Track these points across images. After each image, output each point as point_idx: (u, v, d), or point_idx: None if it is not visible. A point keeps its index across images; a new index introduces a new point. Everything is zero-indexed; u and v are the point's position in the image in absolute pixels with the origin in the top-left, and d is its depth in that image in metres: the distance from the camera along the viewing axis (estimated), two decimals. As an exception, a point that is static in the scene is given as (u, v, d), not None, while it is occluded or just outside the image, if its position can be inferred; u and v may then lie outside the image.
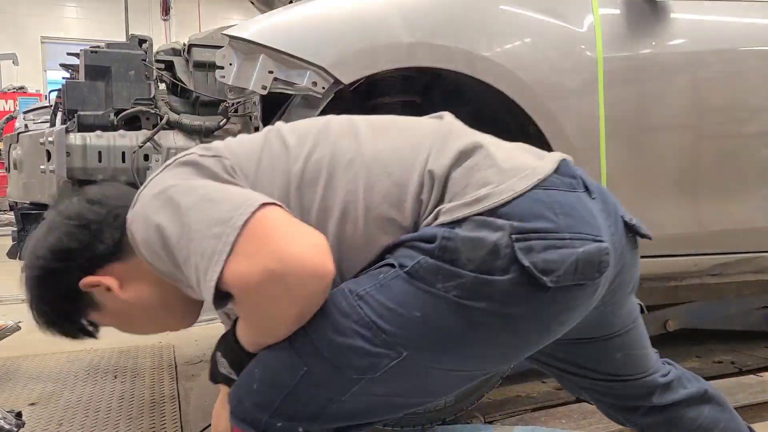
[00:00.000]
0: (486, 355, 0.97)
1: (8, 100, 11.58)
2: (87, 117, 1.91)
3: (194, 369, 2.84)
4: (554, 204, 0.92)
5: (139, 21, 13.97)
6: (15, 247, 2.05)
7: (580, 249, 0.90)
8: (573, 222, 0.92)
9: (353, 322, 0.91)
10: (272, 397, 0.93)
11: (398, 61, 1.71)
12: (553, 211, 0.91)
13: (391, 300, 0.90)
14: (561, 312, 0.94)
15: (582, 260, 0.90)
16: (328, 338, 0.91)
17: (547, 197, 0.92)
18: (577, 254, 0.89)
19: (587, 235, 0.92)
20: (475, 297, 0.88)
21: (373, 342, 0.90)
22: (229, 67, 1.63)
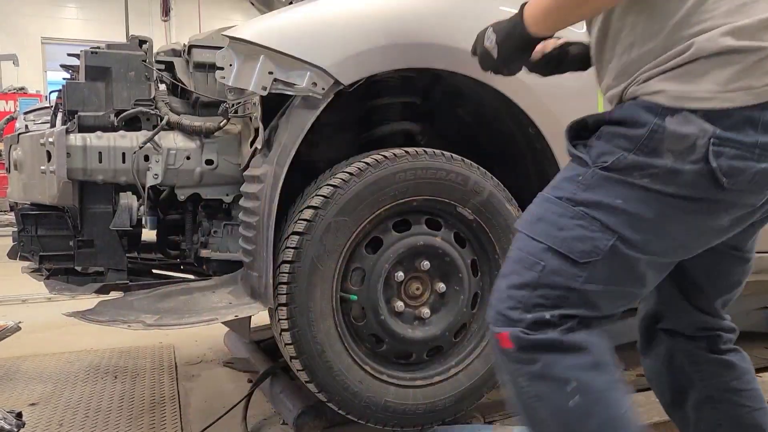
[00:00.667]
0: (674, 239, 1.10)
1: (9, 101, 11.59)
2: (87, 118, 1.92)
3: (194, 369, 2.84)
4: (762, 124, 1.00)
5: (140, 22, 13.98)
6: (15, 247, 2.05)
7: (762, 165, 1.01)
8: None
9: (569, 219, 1.08)
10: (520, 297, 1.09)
11: (398, 62, 1.71)
12: (756, 129, 1.00)
13: (596, 194, 1.07)
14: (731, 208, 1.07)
15: (760, 173, 1.02)
16: (553, 235, 1.09)
17: (760, 116, 1.00)
18: (758, 168, 1.01)
19: None
20: (663, 183, 1.04)
21: (590, 228, 1.07)
22: (229, 68, 1.63)
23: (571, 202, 1.09)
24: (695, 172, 1.01)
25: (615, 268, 1.09)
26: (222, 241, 2.02)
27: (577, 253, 1.07)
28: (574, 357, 1.07)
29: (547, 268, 1.08)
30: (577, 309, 1.09)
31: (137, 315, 1.74)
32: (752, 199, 1.07)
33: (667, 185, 1.04)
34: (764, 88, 0.99)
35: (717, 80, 1.00)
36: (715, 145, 1.00)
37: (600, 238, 1.07)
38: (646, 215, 1.06)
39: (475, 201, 1.80)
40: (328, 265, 1.68)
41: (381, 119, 1.96)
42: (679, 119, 1.02)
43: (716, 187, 1.02)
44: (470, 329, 1.91)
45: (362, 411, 1.76)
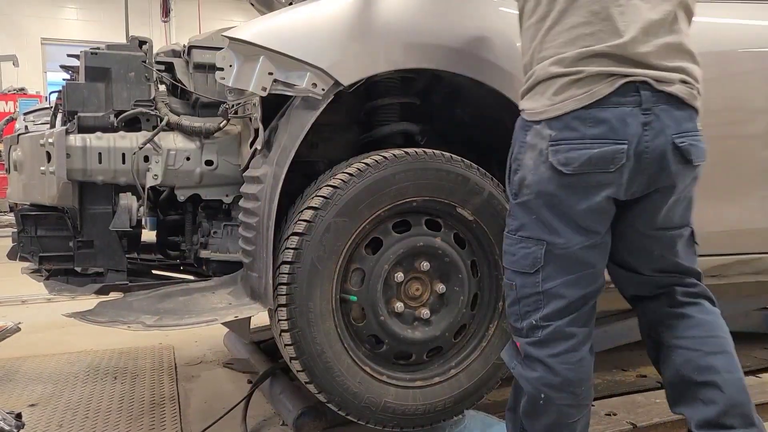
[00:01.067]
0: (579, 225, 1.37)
1: (8, 102, 11.58)
2: (87, 118, 1.92)
3: (194, 370, 2.84)
4: (588, 119, 1.31)
5: (140, 23, 13.98)
6: (15, 248, 2.05)
7: (595, 149, 1.30)
8: (597, 131, 1.31)
9: (515, 245, 1.44)
10: (515, 311, 1.46)
11: (397, 62, 1.71)
12: (584, 124, 1.31)
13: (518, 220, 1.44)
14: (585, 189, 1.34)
15: (596, 156, 1.31)
16: (511, 261, 1.46)
17: (586, 114, 1.31)
18: (592, 153, 1.31)
19: (608, 140, 1.30)
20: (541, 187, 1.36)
21: (527, 246, 1.41)
22: (229, 68, 1.63)
23: (512, 233, 1.46)
24: (546, 169, 1.35)
25: (558, 265, 1.39)
26: (222, 242, 2.02)
27: (527, 267, 1.42)
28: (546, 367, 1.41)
29: (518, 285, 1.45)
30: (551, 305, 1.40)
31: (137, 316, 1.74)
32: (608, 177, 1.33)
33: (540, 188, 1.37)
34: (584, 95, 1.31)
35: (549, 96, 1.35)
36: (552, 146, 1.33)
37: (536, 250, 1.40)
38: (549, 218, 1.38)
39: (475, 202, 1.80)
40: (327, 266, 1.68)
41: (381, 120, 1.96)
42: (533, 133, 1.38)
43: (563, 175, 1.33)
44: (470, 330, 1.91)
45: (362, 412, 1.76)
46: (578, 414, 1.45)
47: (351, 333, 1.79)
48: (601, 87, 1.30)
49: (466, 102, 2.04)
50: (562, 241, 1.38)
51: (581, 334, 1.42)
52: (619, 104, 1.31)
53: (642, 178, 1.35)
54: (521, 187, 1.41)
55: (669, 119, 1.33)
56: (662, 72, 1.32)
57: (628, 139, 1.30)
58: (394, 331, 1.78)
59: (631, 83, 1.31)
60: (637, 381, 2.54)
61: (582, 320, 1.43)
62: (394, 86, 1.94)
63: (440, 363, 1.88)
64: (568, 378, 1.40)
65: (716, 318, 1.52)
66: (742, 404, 1.43)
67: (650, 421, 2.06)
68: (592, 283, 1.43)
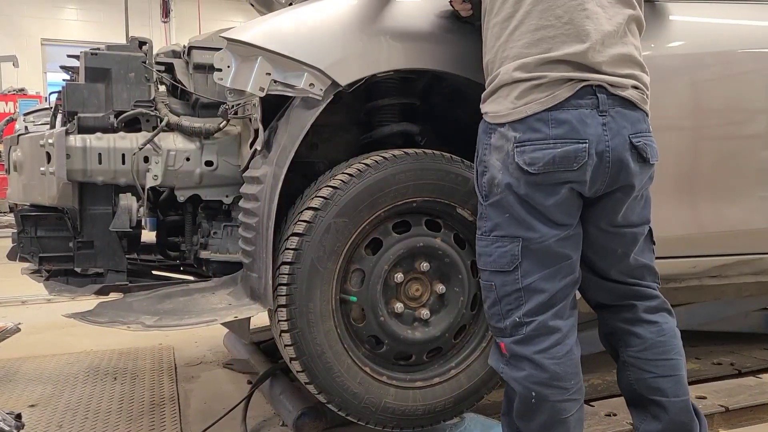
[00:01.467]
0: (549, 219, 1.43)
1: (8, 102, 11.58)
2: (87, 119, 1.92)
3: (194, 371, 2.84)
4: (550, 120, 1.38)
5: (139, 23, 13.98)
6: (15, 248, 2.05)
7: (559, 149, 1.37)
8: (559, 131, 1.37)
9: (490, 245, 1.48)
10: (495, 312, 1.49)
11: (397, 63, 1.71)
12: (547, 125, 1.38)
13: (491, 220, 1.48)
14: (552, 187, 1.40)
15: (559, 155, 1.37)
16: (488, 262, 1.49)
17: (548, 116, 1.38)
18: (555, 152, 1.37)
19: (570, 139, 1.37)
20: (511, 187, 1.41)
21: (502, 245, 1.45)
22: (227, 69, 1.63)
23: (485, 234, 1.50)
24: (514, 169, 1.40)
25: (536, 260, 1.44)
26: (222, 243, 2.02)
27: (505, 266, 1.46)
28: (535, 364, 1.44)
29: (497, 285, 1.48)
30: (532, 300, 1.44)
31: (137, 316, 1.74)
32: (572, 175, 1.39)
33: (510, 188, 1.42)
34: (546, 99, 1.38)
35: (512, 100, 1.41)
36: (517, 147, 1.40)
37: (512, 248, 1.45)
38: (521, 215, 1.43)
39: (475, 202, 1.80)
40: (327, 267, 1.68)
41: (380, 120, 1.96)
42: (497, 136, 1.44)
43: (529, 174, 1.39)
44: (470, 330, 1.91)
45: (362, 412, 1.76)
46: (571, 409, 1.46)
47: (351, 333, 1.79)
48: (562, 90, 1.38)
49: (466, 102, 2.04)
50: (537, 236, 1.43)
51: (565, 327, 1.46)
52: (578, 106, 1.38)
53: (604, 177, 1.42)
54: (491, 187, 1.46)
55: (624, 120, 1.41)
56: (616, 78, 1.41)
57: (589, 138, 1.38)
58: (394, 332, 1.78)
59: (588, 87, 1.39)
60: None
61: (565, 313, 1.47)
62: (393, 87, 1.93)
63: (440, 363, 1.88)
64: (556, 372, 1.43)
65: (671, 338, 1.59)
66: (684, 424, 1.55)
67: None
68: (570, 274, 1.48)
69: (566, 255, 1.46)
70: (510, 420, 1.56)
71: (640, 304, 1.59)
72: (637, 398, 1.61)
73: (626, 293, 1.60)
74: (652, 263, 1.61)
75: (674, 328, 1.61)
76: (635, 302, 1.60)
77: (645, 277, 1.61)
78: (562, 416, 1.46)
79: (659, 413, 1.56)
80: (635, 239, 1.56)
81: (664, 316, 1.61)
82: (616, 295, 1.61)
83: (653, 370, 1.56)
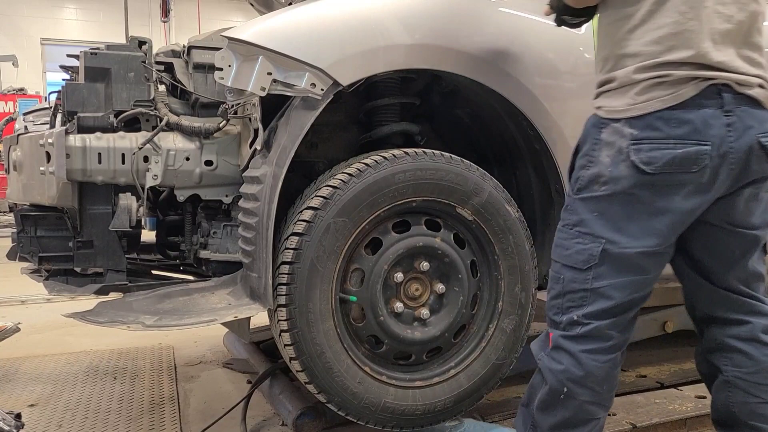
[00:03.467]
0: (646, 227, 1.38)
1: (8, 102, 11.58)
2: (87, 119, 1.92)
3: (194, 370, 2.84)
4: (672, 120, 1.33)
5: (139, 23, 13.97)
6: (15, 248, 2.05)
7: (680, 150, 1.32)
8: (681, 132, 1.32)
9: (570, 240, 1.44)
10: (556, 304, 1.47)
11: (397, 63, 1.71)
12: (668, 124, 1.33)
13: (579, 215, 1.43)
14: (669, 190, 1.35)
15: (679, 156, 1.32)
16: (563, 255, 1.45)
17: (670, 115, 1.33)
18: (675, 153, 1.32)
19: (691, 140, 1.32)
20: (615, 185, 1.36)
21: (583, 242, 1.41)
22: (228, 68, 1.63)
23: (568, 227, 1.45)
24: (627, 167, 1.35)
25: (612, 265, 1.39)
26: (221, 242, 2.02)
27: (580, 263, 1.41)
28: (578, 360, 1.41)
29: (565, 279, 1.45)
30: (596, 303, 1.40)
31: (137, 316, 1.74)
32: (689, 178, 1.34)
33: (617, 186, 1.36)
34: (669, 97, 1.32)
35: (632, 96, 1.35)
36: (633, 144, 1.34)
37: (592, 247, 1.40)
38: (618, 216, 1.38)
39: (475, 202, 1.80)
40: (327, 266, 1.68)
41: (380, 120, 1.96)
42: (609, 131, 1.38)
43: (644, 174, 1.33)
44: (470, 330, 1.91)
45: (362, 412, 1.76)
46: (596, 413, 1.45)
47: (351, 333, 1.79)
48: (686, 89, 1.33)
49: (466, 102, 2.04)
50: (624, 241, 1.37)
51: (618, 339, 1.43)
52: (702, 106, 1.33)
53: (727, 179, 1.37)
54: (592, 183, 1.40)
55: (752, 120, 1.36)
56: (742, 76, 1.36)
57: (712, 140, 1.33)
58: (394, 332, 1.78)
59: (713, 86, 1.34)
60: (637, 381, 2.54)
61: (622, 326, 1.43)
62: (393, 86, 1.94)
63: (440, 363, 1.88)
64: (592, 373, 1.41)
65: None
66: None
67: (650, 421, 2.06)
68: (642, 289, 1.43)
69: (646, 269, 1.41)
70: (528, 411, 1.54)
71: (757, 322, 1.50)
72: (732, 421, 1.52)
73: (742, 306, 1.50)
74: (765, 274, 1.53)
75: None
76: (751, 319, 1.50)
77: (759, 289, 1.52)
78: (587, 417, 1.44)
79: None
80: (756, 242, 1.48)
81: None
82: (731, 307, 1.51)
83: (761, 395, 1.48)
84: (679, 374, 2.60)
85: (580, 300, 1.42)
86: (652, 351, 2.80)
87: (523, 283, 1.88)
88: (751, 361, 1.48)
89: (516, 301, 1.88)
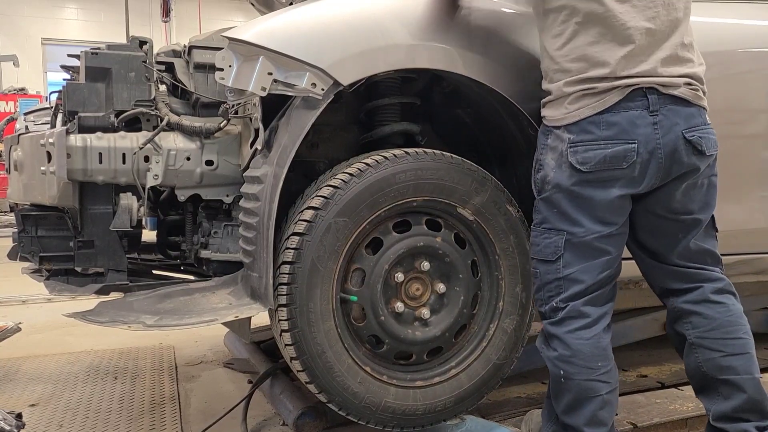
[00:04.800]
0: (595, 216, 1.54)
1: (9, 102, 11.59)
2: (87, 118, 1.92)
3: (194, 370, 2.84)
4: (602, 123, 1.49)
5: (140, 23, 13.99)
6: (15, 248, 2.05)
7: (609, 149, 1.48)
8: (610, 133, 1.48)
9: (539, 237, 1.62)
10: (539, 297, 1.64)
11: (398, 62, 1.71)
12: (598, 127, 1.49)
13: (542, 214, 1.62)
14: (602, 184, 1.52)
15: (609, 155, 1.49)
16: (536, 251, 1.64)
17: (599, 119, 1.49)
18: (606, 152, 1.49)
19: (620, 140, 1.48)
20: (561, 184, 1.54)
21: (549, 237, 1.59)
22: (229, 68, 1.63)
23: (536, 226, 1.64)
24: (567, 167, 1.52)
25: (576, 253, 1.57)
26: (222, 242, 2.02)
27: (549, 255, 1.60)
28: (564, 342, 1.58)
29: (541, 273, 1.63)
30: (571, 288, 1.57)
31: (137, 316, 1.74)
32: (621, 173, 1.50)
33: (562, 185, 1.54)
34: (597, 104, 1.49)
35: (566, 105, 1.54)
36: (571, 147, 1.52)
37: (557, 240, 1.58)
38: (571, 210, 1.55)
39: (476, 202, 1.80)
40: (328, 266, 1.68)
41: (381, 120, 1.96)
42: (553, 137, 1.58)
43: (580, 172, 1.51)
44: (470, 330, 1.91)
45: (362, 412, 1.76)
46: (599, 390, 1.55)
47: (351, 333, 1.79)
48: (611, 95, 1.48)
49: (467, 102, 2.04)
50: (580, 231, 1.55)
51: (595, 314, 1.58)
52: (628, 108, 1.48)
53: (657, 172, 1.52)
54: (544, 184, 1.59)
55: (677, 117, 1.50)
56: (666, 78, 1.49)
57: (638, 138, 1.48)
58: (395, 331, 1.78)
59: (638, 89, 1.48)
60: (638, 381, 2.54)
61: (597, 302, 1.59)
62: (394, 86, 1.93)
63: (440, 363, 1.88)
64: (581, 351, 1.55)
65: (738, 317, 1.65)
66: (759, 401, 1.60)
67: (650, 421, 2.06)
68: (608, 268, 1.59)
69: (606, 251, 1.58)
70: (550, 402, 1.68)
71: (707, 286, 1.66)
72: (706, 381, 1.66)
73: (691, 276, 1.67)
74: (715, 249, 1.69)
75: (741, 310, 1.67)
76: (702, 284, 1.66)
77: (707, 262, 1.68)
78: (589, 395, 1.54)
79: (730, 392, 1.61)
80: (696, 225, 1.63)
81: (730, 298, 1.67)
82: (681, 279, 1.68)
83: (722, 349, 1.61)
84: (680, 374, 2.59)
85: (557, 288, 1.59)
86: (652, 351, 2.80)
87: (524, 283, 1.88)
88: (707, 319, 1.64)
89: (517, 300, 1.88)
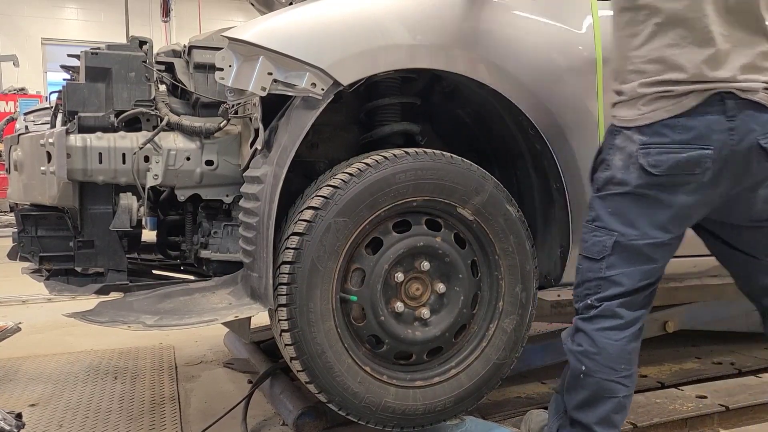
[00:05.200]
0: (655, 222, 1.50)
1: (9, 102, 11.59)
2: (87, 118, 1.92)
3: (194, 370, 2.84)
4: (677, 127, 1.44)
5: (140, 23, 13.98)
6: (15, 248, 2.05)
7: (684, 154, 1.44)
8: (685, 137, 1.44)
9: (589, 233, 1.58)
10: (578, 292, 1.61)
11: (398, 62, 1.71)
12: (673, 131, 1.44)
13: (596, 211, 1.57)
14: (674, 189, 1.48)
15: (683, 160, 1.44)
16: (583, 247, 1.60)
17: (675, 122, 1.44)
18: (679, 157, 1.44)
19: (695, 145, 1.43)
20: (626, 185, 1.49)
21: (599, 235, 1.55)
22: (229, 68, 1.63)
23: (588, 223, 1.60)
24: (636, 169, 1.48)
25: (623, 256, 1.52)
26: (222, 242, 2.02)
27: (595, 254, 1.56)
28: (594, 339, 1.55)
29: (583, 269, 1.60)
30: (609, 290, 1.54)
31: (137, 316, 1.74)
32: (693, 179, 1.45)
33: (628, 186, 1.49)
34: (673, 107, 1.43)
35: (639, 106, 1.48)
36: (642, 149, 1.47)
37: (606, 240, 1.53)
38: (629, 212, 1.51)
39: (476, 201, 1.80)
40: (328, 266, 1.68)
41: (381, 120, 1.96)
42: (622, 138, 1.51)
43: (651, 175, 1.46)
44: (470, 330, 1.91)
45: (362, 411, 1.76)
46: (617, 392, 1.54)
47: (351, 333, 1.79)
48: (689, 99, 1.44)
49: (467, 102, 2.04)
50: (634, 234, 1.51)
51: (629, 317, 1.55)
52: (705, 113, 1.43)
53: (728, 179, 1.48)
54: (607, 184, 1.55)
55: (754, 123, 1.45)
56: (745, 83, 1.44)
57: (714, 144, 1.43)
58: (394, 331, 1.78)
59: (716, 94, 1.43)
60: (638, 381, 2.54)
61: (633, 306, 1.56)
62: (394, 86, 1.93)
63: (440, 363, 1.88)
64: (606, 350, 1.53)
65: None
66: None
67: (650, 421, 2.06)
68: (650, 277, 1.57)
69: (654, 259, 1.54)
70: (559, 397, 1.67)
71: None
72: None
73: None
74: None
75: None
76: None
77: None
78: (606, 395, 1.54)
79: None
80: None
81: None
82: None
83: None
84: (680, 374, 2.60)
85: (596, 288, 1.56)
86: (652, 351, 2.80)
87: (524, 283, 1.88)
88: None
89: (517, 300, 1.88)
